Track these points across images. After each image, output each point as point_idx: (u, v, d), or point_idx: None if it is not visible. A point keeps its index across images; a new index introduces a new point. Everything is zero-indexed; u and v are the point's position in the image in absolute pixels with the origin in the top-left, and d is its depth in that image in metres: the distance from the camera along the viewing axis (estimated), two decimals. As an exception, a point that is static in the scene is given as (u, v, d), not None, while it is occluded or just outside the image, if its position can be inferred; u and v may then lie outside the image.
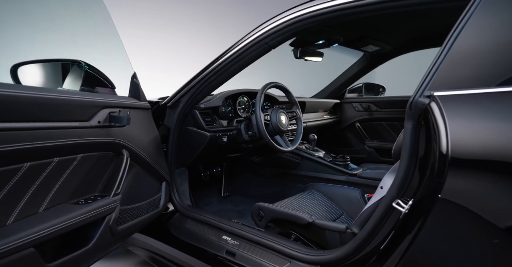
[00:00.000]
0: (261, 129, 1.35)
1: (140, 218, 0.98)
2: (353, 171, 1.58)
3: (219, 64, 1.19)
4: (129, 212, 0.92)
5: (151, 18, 2.70)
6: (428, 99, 0.67)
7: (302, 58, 1.72)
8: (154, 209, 1.09)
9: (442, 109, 0.64)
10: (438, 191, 0.62)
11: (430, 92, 0.68)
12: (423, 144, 0.72)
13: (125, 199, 0.91)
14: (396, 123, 2.14)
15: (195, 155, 1.41)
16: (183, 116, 1.33)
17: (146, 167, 1.06)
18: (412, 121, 0.73)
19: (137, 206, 0.98)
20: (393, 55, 1.92)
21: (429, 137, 0.68)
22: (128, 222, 0.91)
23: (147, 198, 1.06)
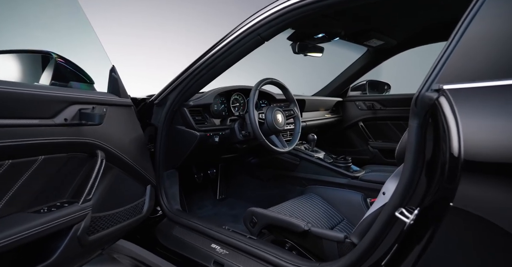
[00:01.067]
0: (255, 128, 1.27)
1: (118, 226, 0.91)
2: (355, 173, 1.49)
3: (209, 58, 1.11)
4: (105, 219, 0.85)
5: (143, 15, 2.64)
6: (436, 94, 0.59)
7: (301, 53, 1.64)
8: (136, 215, 1.01)
9: (453, 104, 0.55)
10: (449, 199, 0.54)
11: (438, 85, 0.59)
12: (430, 145, 0.63)
13: (101, 205, 0.84)
14: (402, 122, 2.05)
15: (185, 156, 1.34)
16: (172, 114, 1.26)
17: (128, 170, 0.99)
18: (417, 119, 0.64)
19: (116, 213, 0.91)
20: (399, 50, 1.82)
21: (438, 137, 0.59)
22: (103, 230, 0.84)
23: (128, 203, 0.99)
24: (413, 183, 0.67)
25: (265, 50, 3.07)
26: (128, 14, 2.58)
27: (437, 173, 0.59)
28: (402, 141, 0.77)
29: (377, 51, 1.86)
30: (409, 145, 0.67)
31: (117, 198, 0.94)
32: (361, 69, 2.05)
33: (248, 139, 1.41)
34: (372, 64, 2.00)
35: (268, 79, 1.37)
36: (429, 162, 0.63)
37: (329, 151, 2.43)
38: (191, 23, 2.88)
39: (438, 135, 0.59)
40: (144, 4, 2.62)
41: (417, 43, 1.72)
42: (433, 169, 0.61)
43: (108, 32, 2.41)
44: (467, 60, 0.59)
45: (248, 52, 1.11)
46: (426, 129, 0.64)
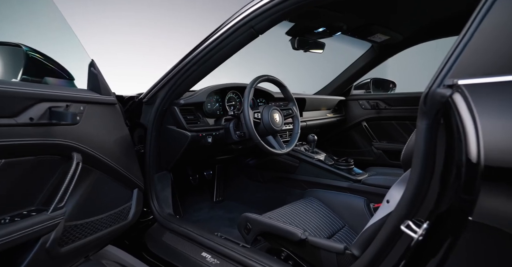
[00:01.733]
0: (250, 129, 1.20)
1: (100, 233, 0.84)
2: (357, 176, 1.41)
3: (199, 53, 1.04)
4: (84, 227, 0.79)
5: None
6: (449, 90, 0.51)
7: (300, 49, 1.56)
8: (121, 222, 0.95)
9: (470, 101, 0.47)
10: (467, 212, 0.46)
11: (452, 80, 0.51)
12: (442, 148, 0.56)
13: (79, 212, 0.77)
14: (408, 122, 1.96)
15: (176, 157, 1.27)
16: (162, 113, 1.19)
17: (111, 173, 0.92)
18: (427, 119, 0.56)
19: (97, 220, 0.84)
20: (405, 45, 1.73)
21: (452, 140, 0.52)
22: (81, 239, 0.77)
23: (112, 209, 0.92)
24: (421, 192, 0.59)
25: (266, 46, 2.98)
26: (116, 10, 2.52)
27: (450, 182, 0.51)
28: (408, 144, 0.70)
29: (382, 47, 1.78)
30: (417, 148, 0.59)
31: (99, 203, 0.87)
32: (365, 67, 1.96)
33: (244, 140, 1.34)
34: (376, 61, 1.91)
35: (265, 76, 1.29)
36: (441, 168, 0.55)
37: (331, 152, 2.36)
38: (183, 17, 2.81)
39: (451, 137, 0.51)
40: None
41: (425, 38, 1.63)
42: (445, 176, 0.54)
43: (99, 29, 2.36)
44: (487, 50, 0.51)
45: (242, 46, 1.03)
46: (437, 131, 0.56)
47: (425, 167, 0.58)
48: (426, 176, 0.59)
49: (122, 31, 2.51)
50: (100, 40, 2.43)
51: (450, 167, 0.52)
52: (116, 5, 2.52)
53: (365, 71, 2.01)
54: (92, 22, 2.36)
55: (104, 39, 2.44)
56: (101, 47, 2.44)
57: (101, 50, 2.45)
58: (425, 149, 0.57)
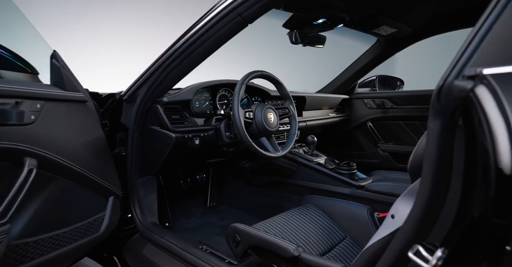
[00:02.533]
0: (240, 129, 1.09)
1: (60, 251, 0.75)
2: (360, 182, 1.29)
3: (181, 45, 0.94)
4: (38, 245, 0.69)
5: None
6: (471, 82, 0.40)
7: (299, 43, 1.45)
8: (90, 235, 0.85)
9: (500, 95, 0.37)
10: (501, 239, 0.36)
11: (475, 69, 0.40)
12: (461, 156, 0.45)
13: (34, 227, 0.68)
14: (417, 122, 1.83)
15: (160, 161, 1.17)
16: (144, 112, 1.10)
17: (79, 180, 0.82)
18: (441, 119, 0.45)
19: (57, 235, 0.75)
20: (414, 39, 1.61)
21: (474, 145, 0.41)
22: (34, 260, 0.67)
23: (79, 221, 0.83)
24: (434, 210, 0.48)
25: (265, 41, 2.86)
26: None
27: (474, 199, 0.41)
28: (417, 149, 0.59)
29: (388, 41, 1.66)
30: (429, 155, 0.48)
31: (63, 215, 0.78)
32: (370, 63, 1.84)
33: (235, 142, 1.24)
34: (382, 56, 1.79)
35: (258, 71, 1.19)
36: (460, 181, 0.44)
37: (333, 154, 2.25)
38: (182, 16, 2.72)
39: (474, 142, 0.41)
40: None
41: (437, 31, 1.50)
42: (467, 192, 0.43)
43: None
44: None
45: (229, 37, 0.93)
46: (453, 134, 0.45)
47: (438, 178, 0.47)
48: (439, 189, 0.48)
49: (123, 30, 2.43)
50: (101, 39, 2.36)
51: (473, 180, 0.41)
52: (115, 4, 2.44)
53: (371, 68, 1.89)
54: (91, 22, 2.30)
55: (104, 39, 2.37)
56: (100, 47, 2.38)
57: (101, 50, 2.38)
58: (438, 156, 0.46)
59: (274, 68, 2.00)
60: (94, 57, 2.33)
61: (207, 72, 1.44)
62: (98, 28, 2.38)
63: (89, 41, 2.34)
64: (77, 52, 2.29)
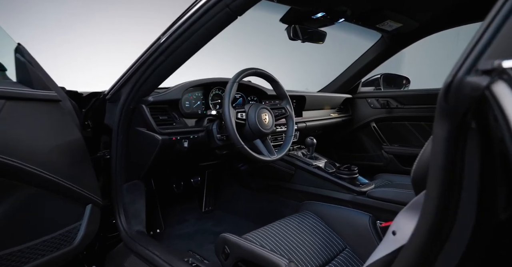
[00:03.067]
0: (231, 131, 1.03)
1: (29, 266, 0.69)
2: (362, 187, 1.22)
3: (166, 40, 0.88)
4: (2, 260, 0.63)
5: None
6: (487, 78, 0.33)
7: (297, 39, 1.38)
8: (61, 248, 0.79)
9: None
10: None
11: (492, 62, 0.33)
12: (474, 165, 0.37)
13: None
14: (423, 123, 1.75)
15: (147, 165, 1.11)
16: (128, 112, 1.03)
17: (49, 187, 0.76)
18: (449, 122, 0.37)
19: (20, 250, 0.68)
20: (421, 34, 1.52)
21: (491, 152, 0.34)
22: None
23: (49, 232, 0.77)
24: (442, 229, 0.41)
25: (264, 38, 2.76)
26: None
27: (493, 219, 0.34)
28: (421, 157, 0.51)
29: (393, 36, 1.57)
30: (435, 164, 0.40)
31: (28, 227, 0.71)
32: (374, 60, 1.76)
33: (228, 144, 1.17)
34: (387, 53, 1.71)
35: (252, 69, 1.12)
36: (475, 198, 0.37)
37: (336, 156, 2.16)
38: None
39: (491, 148, 0.33)
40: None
41: (446, 25, 1.41)
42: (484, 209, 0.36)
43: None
44: None
45: (218, 30, 0.86)
46: (465, 140, 0.38)
47: (446, 191, 0.40)
48: (448, 205, 0.40)
49: (123, 30, 2.38)
50: (100, 39, 2.33)
51: (492, 195, 0.34)
52: (115, 4, 2.40)
53: (375, 66, 1.81)
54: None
55: (104, 39, 2.33)
56: (100, 47, 2.34)
57: (101, 49, 2.34)
58: (446, 165, 0.39)
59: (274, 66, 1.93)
60: (94, 57, 2.29)
61: (209, 71, 1.38)
62: (98, 28, 2.35)
63: (89, 41, 2.31)
64: (78, 52, 2.26)
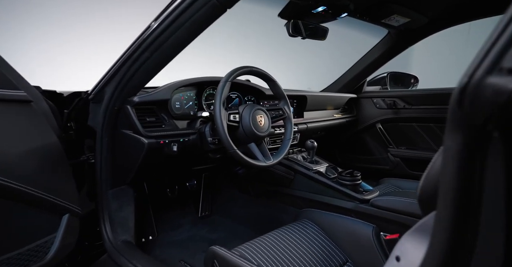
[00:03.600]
0: (222, 134, 0.96)
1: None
2: (365, 195, 1.14)
3: (150, 34, 0.82)
4: None
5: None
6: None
7: (297, 36, 1.31)
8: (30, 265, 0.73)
9: None
10: None
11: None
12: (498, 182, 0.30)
13: None
14: (433, 124, 1.65)
15: (134, 170, 1.05)
16: (113, 114, 0.97)
17: (15, 197, 0.70)
18: (465, 132, 0.30)
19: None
20: (430, 30, 1.43)
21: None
22: None
23: (15, 248, 0.70)
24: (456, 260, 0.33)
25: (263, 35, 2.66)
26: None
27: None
28: (430, 171, 0.43)
29: (400, 33, 1.49)
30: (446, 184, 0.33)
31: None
32: (380, 58, 1.67)
33: (222, 147, 1.11)
34: (394, 50, 1.62)
35: (246, 67, 1.05)
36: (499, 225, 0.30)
37: (340, 159, 2.08)
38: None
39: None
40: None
41: (457, 20, 1.32)
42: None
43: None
44: None
45: (206, 24, 0.79)
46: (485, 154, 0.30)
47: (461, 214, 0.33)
48: (465, 231, 0.33)
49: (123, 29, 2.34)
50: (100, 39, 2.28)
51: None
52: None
53: (381, 64, 1.72)
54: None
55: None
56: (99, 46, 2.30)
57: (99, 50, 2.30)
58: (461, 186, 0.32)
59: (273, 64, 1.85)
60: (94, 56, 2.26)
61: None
62: (98, 28, 2.31)
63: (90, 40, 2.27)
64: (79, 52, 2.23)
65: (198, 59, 2.38)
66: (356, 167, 2.01)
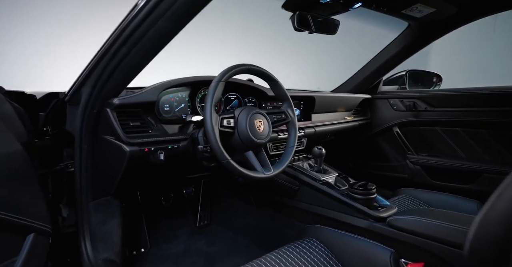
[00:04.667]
0: (213, 142, 0.83)
1: None
2: (381, 212, 0.98)
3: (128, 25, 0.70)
4: None
5: None
6: None
7: (304, 30, 1.16)
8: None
9: None
10: None
11: None
12: None
13: None
14: (459, 129, 1.47)
15: (116, 180, 0.95)
16: (91, 117, 0.86)
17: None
18: None
19: None
20: (460, 21, 1.26)
21: None
22: None
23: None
24: None
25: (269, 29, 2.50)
26: None
27: None
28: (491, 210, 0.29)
29: (423, 25, 1.32)
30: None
31: None
32: (398, 55, 1.50)
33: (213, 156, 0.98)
34: (415, 46, 1.45)
35: (243, 65, 0.92)
36: None
37: (352, 165, 1.92)
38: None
39: None
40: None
41: (491, 9, 1.15)
42: None
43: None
44: None
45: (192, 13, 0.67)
46: None
47: None
48: None
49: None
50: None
51: None
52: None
53: (399, 61, 1.56)
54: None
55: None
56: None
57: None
58: None
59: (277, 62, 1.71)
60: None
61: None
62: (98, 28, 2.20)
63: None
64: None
65: (198, 56, 2.27)
66: (370, 174, 1.85)
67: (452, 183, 1.48)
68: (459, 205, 1.13)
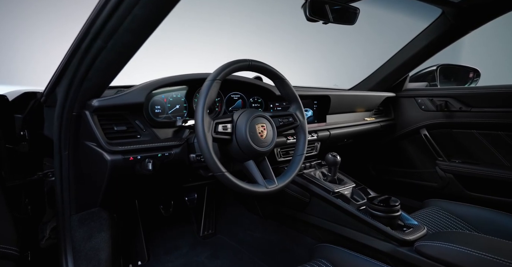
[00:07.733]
0: (205, 151, 0.72)
1: None
2: (407, 233, 0.83)
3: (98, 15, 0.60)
4: None
5: None
6: None
7: (318, 20, 1.02)
8: None
9: None
10: None
11: None
12: None
13: None
14: (502, 133, 1.28)
15: (101, 191, 0.86)
16: (70, 121, 0.78)
17: None
18: None
19: None
20: (506, 6, 1.07)
21: None
22: None
23: None
24: None
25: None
26: None
27: None
28: None
29: (461, 11, 1.14)
30: None
31: None
32: (429, 47, 1.33)
33: None
34: (450, 36, 1.26)
35: (243, 61, 0.80)
36: None
37: (374, 172, 1.76)
38: None
39: None
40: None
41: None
42: None
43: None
44: None
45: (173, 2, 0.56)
46: None
47: None
48: None
49: None
50: None
51: None
52: None
53: (430, 54, 1.38)
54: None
55: None
56: None
57: None
58: None
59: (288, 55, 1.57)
60: None
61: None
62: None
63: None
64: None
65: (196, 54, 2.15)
66: (394, 182, 1.68)
67: (493, 195, 1.30)
68: (506, 224, 0.95)
